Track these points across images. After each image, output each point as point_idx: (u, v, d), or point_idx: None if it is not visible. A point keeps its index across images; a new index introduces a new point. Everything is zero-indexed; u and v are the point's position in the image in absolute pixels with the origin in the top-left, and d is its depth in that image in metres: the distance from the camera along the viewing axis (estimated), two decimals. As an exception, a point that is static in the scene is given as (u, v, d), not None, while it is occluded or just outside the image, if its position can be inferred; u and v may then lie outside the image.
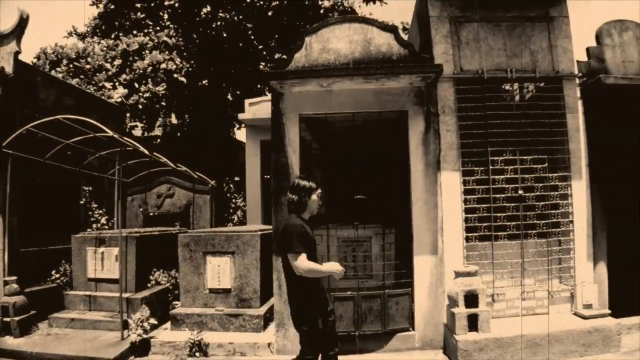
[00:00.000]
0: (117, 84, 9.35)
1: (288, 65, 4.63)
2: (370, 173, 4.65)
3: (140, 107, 9.25)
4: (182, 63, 9.31)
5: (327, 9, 10.66)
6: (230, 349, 4.66)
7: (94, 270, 5.65)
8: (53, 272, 6.16)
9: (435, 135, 4.62)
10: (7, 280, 5.19)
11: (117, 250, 5.42)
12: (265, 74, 4.71)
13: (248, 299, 5.12)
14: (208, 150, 10.82)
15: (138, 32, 10.05)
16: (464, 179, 4.61)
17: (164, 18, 10.58)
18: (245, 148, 8.12)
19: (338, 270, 3.02)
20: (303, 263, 2.90)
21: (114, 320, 5.13)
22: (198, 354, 4.59)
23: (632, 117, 4.67)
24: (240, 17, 9.81)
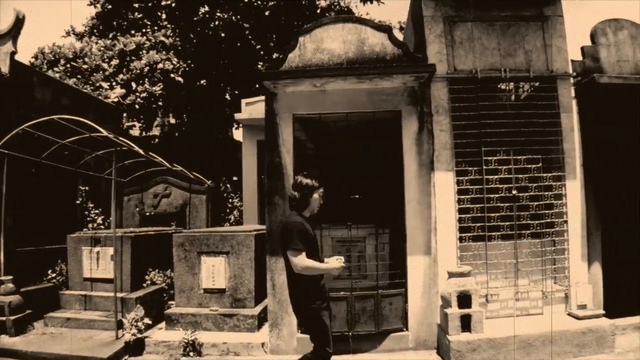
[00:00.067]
0: (114, 84, 9.38)
1: (282, 66, 4.63)
2: (365, 173, 4.65)
3: (137, 107, 9.28)
4: (179, 63, 9.34)
5: (323, 9, 10.67)
6: (224, 349, 4.66)
7: (90, 270, 5.68)
8: (49, 271, 6.19)
9: (429, 135, 4.61)
10: (2, 280, 5.21)
11: (112, 250, 5.44)
12: (258, 74, 4.72)
13: (242, 299, 5.12)
14: (208, 150, 10.83)
15: (136, 32, 10.08)
16: (458, 179, 4.59)
17: (162, 18, 10.61)
18: (242, 148, 8.12)
19: (339, 267, 3.01)
20: (301, 261, 2.90)
21: (109, 320, 5.15)
22: (192, 354, 4.60)
23: (627, 116, 4.64)
24: (238, 17, 9.83)
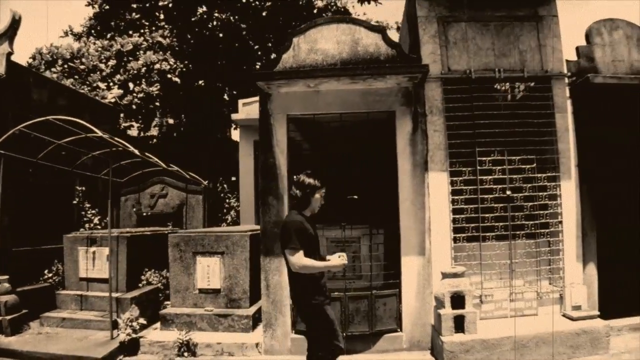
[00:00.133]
0: (111, 85, 9.40)
1: (276, 66, 4.63)
2: (359, 173, 4.65)
3: (134, 107, 9.30)
4: (176, 63, 9.35)
5: (320, 9, 10.67)
6: (219, 349, 4.67)
7: (86, 270, 5.68)
8: (46, 271, 6.20)
9: (423, 136, 4.60)
10: (-2, 280, 5.23)
11: (108, 250, 5.44)
12: (252, 75, 4.72)
13: (237, 300, 5.12)
14: (207, 151, 10.84)
15: (134, 32, 10.10)
16: (452, 180, 4.59)
17: (160, 18, 10.63)
18: (239, 148, 8.12)
19: (340, 265, 2.99)
20: (298, 260, 2.90)
21: (105, 320, 5.15)
22: (186, 354, 4.60)
23: (622, 116, 4.63)
24: (236, 17, 9.84)
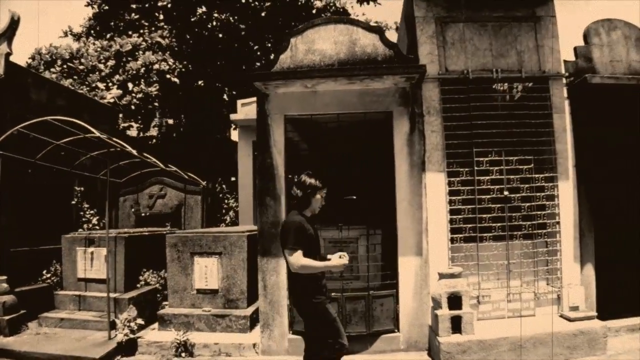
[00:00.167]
0: (110, 85, 9.41)
1: (273, 67, 4.63)
2: (357, 174, 4.65)
3: (133, 107, 9.31)
4: (175, 64, 9.36)
5: (319, 10, 10.67)
6: (216, 350, 4.67)
7: (84, 270, 5.69)
8: (44, 272, 6.21)
9: (420, 136, 4.60)
10: (-4, 280, 5.24)
11: (106, 251, 5.45)
12: (250, 75, 4.71)
13: (235, 300, 5.12)
14: (206, 151, 10.84)
15: (133, 32, 10.11)
16: (449, 180, 4.58)
17: (159, 19, 10.64)
18: (238, 149, 8.12)
19: (340, 264, 2.99)
20: (297, 260, 2.90)
21: (103, 320, 5.16)
22: (184, 354, 4.61)
23: (620, 116, 4.61)
24: (235, 17, 9.84)
